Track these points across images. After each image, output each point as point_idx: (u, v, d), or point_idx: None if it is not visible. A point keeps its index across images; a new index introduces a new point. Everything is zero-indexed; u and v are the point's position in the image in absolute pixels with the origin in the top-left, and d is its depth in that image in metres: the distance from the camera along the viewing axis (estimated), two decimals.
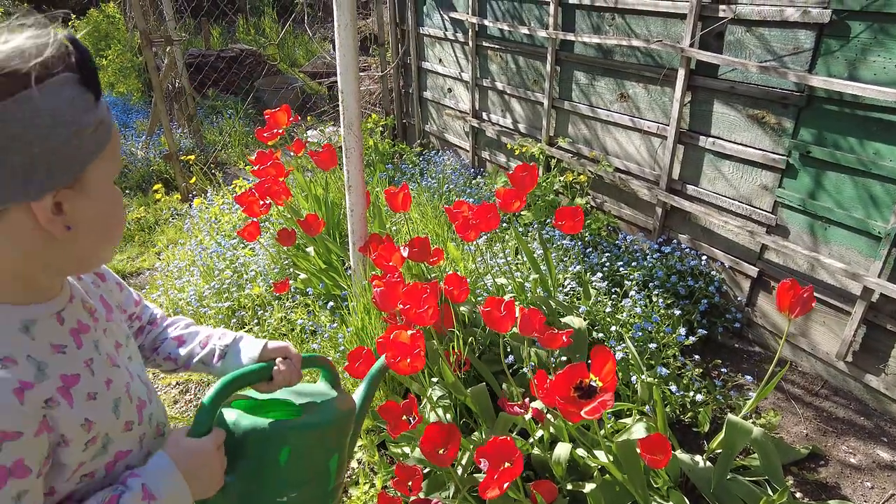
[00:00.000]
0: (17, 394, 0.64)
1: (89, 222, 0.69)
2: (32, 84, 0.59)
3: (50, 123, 0.61)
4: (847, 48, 2.06)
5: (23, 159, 0.60)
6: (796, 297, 1.65)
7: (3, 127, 0.58)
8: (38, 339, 0.70)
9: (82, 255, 0.72)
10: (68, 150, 0.63)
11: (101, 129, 0.66)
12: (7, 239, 0.64)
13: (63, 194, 0.64)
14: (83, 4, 9.61)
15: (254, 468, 0.88)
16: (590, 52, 3.07)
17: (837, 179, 2.20)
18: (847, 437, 2.19)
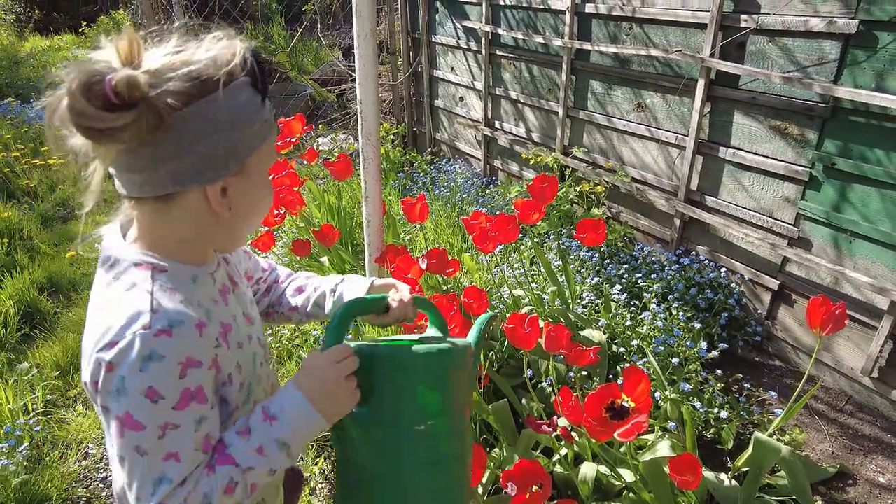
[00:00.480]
0: (199, 328, 0.75)
1: (246, 204, 0.81)
2: (220, 87, 0.71)
3: (229, 120, 0.72)
4: (874, 59, 2.02)
5: (206, 150, 0.72)
6: (828, 314, 1.60)
7: (195, 123, 0.70)
8: (201, 291, 0.82)
9: (235, 232, 0.84)
10: (239, 143, 0.75)
11: (264, 126, 0.78)
12: (184, 214, 0.77)
13: (230, 180, 0.76)
14: (93, 12, 9.67)
15: (385, 395, 0.87)
16: (606, 62, 3.04)
17: (863, 192, 2.16)
18: (874, 455, 2.14)
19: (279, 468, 0.77)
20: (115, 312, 0.72)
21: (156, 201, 0.75)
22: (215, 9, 5.24)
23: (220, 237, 0.83)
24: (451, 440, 0.92)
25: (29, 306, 3.09)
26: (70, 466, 2.23)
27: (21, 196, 4.49)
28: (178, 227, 0.78)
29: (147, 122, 0.67)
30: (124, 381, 0.69)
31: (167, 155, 0.71)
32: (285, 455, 0.77)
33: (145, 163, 0.71)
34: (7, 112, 5.97)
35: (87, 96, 0.65)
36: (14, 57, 7.99)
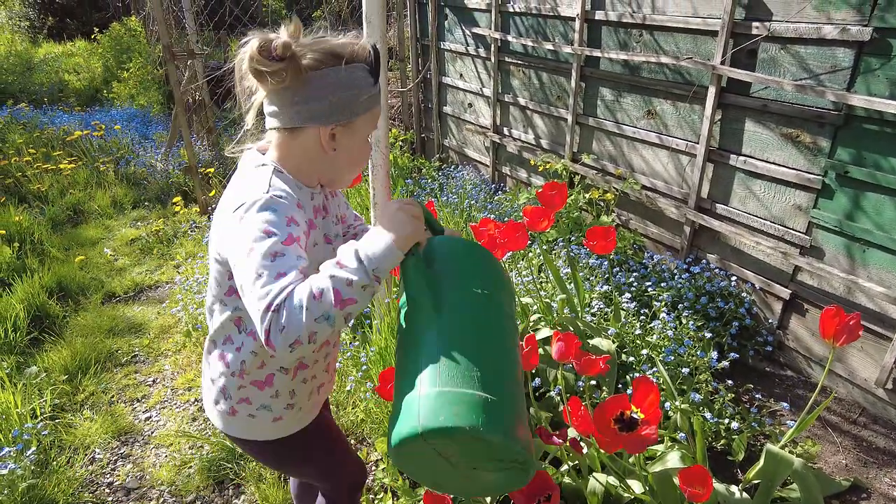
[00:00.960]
0: (297, 205, 1.06)
1: (346, 152, 1.10)
2: (343, 64, 1.03)
3: (344, 86, 1.04)
4: (889, 66, 2.00)
5: (324, 102, 1.03)
6: (841, 324, 1.58)
7: (321, 81, 1.02)
8: (302, 197, 1.10)
9: (335, 172, 1.14)
10: (349, 103, 1.05)
11: (371, 99, 1.09)
12: (301, 144, 1.08)
13: (338, 129, 1.07)
14: (105, 19, 9.77)
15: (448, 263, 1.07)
16: (616, 69, 3.03)
17: (877, 200, 2.13)
18: (889, 468, 2.10)
19: (357, 280, 0.92)
20: (246, 189, 1.03)
21: (286, 132, 1.07)
22: (225, 16, 5.28)
23: (324, 171, 1.13)
24: (509, 316, 1.09)
25: (38, 310, 3.11)
26: (77, 471, 2.23)
27: (32, 200, 4.52)
28: (297, 153, 1.09)
29: (290, 72, 0.99)
30: (250, 223, 0.97)
31: (298, 99, 1.03)
32: (362, 268, 0.93)
33: (285, 102, 1.04)
34: (20, 117, 6.04)
35: (260, 51, 0.98)
36: (28, 63, 8.09)
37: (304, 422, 1.29)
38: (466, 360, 0.94)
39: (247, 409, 1.19)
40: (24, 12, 11.10)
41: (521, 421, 0.95)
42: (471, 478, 1.01)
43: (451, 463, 0.96)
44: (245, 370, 1.15)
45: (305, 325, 0.88)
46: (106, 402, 2.60)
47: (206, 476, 2.18)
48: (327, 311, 0.89)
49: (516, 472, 0.97)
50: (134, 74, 6.92)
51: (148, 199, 4.72)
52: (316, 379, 1.27)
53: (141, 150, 5.33)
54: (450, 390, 0.90)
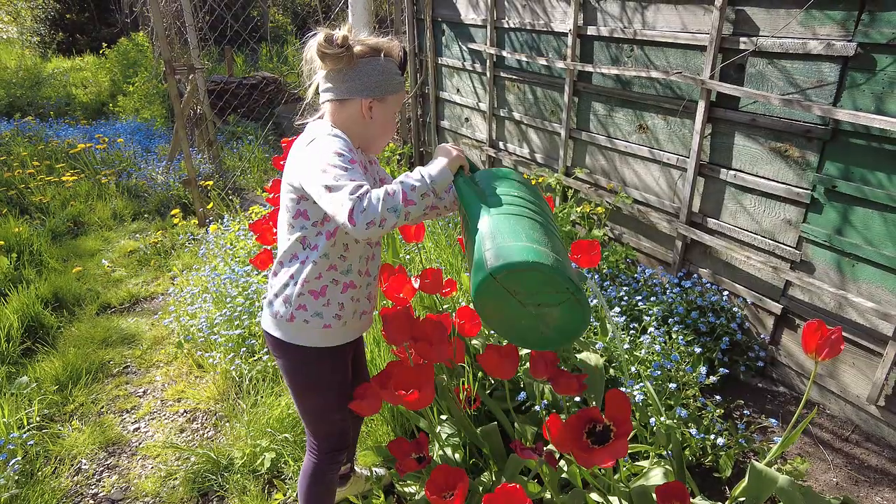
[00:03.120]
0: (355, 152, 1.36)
1: (380, 122, 1.42)
2: (381, 56, 1.38)
3: (382, 72, 1.38)
4: (873, 81, 2.00)
5: (366, 81, 1.37)
6: (824, 338, 1.56)
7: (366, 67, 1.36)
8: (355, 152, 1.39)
9: (372, 138, 1.45)
10: (384, 84, 1.39)
11: (399, 84, 1.42)
12: (348, 113, 1.40)
13: (374, 103, 1.39)
14: (114, 34, 9.93)
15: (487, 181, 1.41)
16: (608, 83, 3.05)
17: (866, 215, 2.12)
18: (881, 487, 2.07)
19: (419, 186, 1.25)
20: (314, 131, 1.38)
21: (337, 103, 1.39)
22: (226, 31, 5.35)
23: (363, 135, 1.43)
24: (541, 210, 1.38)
25: (32, 320, 3.13)
26: (62, 482, 2.23)
27: (33, 212, 4.57)
28: (345, 120, 1.40)
29: (346, 57, 1.33)
30: (322, 148, 1.28)
31: (348, 77, 1.36)
32: (423, 180, 1.26)
33: (338, 80, 1.37)
34: (26, 130, 6.12)
35: (325, 39, 1.31)
36: (37, 77, 8.21)
37: (349, 337, 1.53)
38: (512, 225, 1.25)
39: (303, 315, 1.44)
40: (35, 28, 11.30)
41: (564, 259, 1.24)
42: (541, 317, 1.25)
43: (521, 303, 1.22)
44: (306, 279, 1.41)
45: (381, 210, 1.17)
46: (95, 412, 2.60)
47: (190, 488, 2.18)
48: (396, 204, 1.19)
49: (572, 305, 1.21)
50: (139, 88, 7.02)
51: (148, 212, 4.75)
52: (359, 303, 1.52)
53: (143, 162, 5.39)
54: (503, 243, 1.20)
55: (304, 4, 10.38)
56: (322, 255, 1.41)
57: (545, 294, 1.20)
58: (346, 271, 1.46)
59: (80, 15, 11.06)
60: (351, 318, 1.51)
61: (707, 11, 2.47)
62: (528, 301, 1.22)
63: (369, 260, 1.53)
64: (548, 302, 1.21)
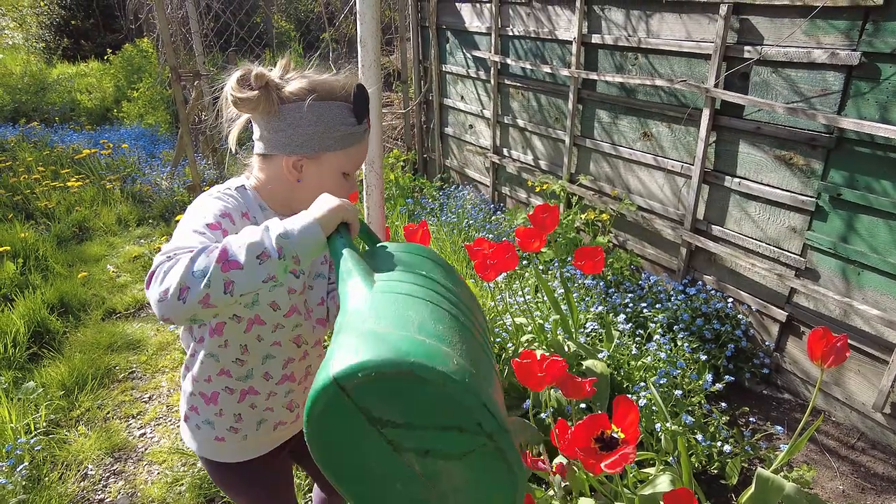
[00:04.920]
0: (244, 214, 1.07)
1: (313, 185, 1.08)
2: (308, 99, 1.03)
3: (317, 121, 1.05)
4: (878, 90, 2.01)
5: (296, 132, 1.05)
6: (829, 346, 1.57)
7: (300, 114, 1.04)
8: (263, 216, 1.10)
9: (302, 201, 1.01)
10: (319, 137, 1.05)
11: (347, 138, 1.08)
12: (272, 171, 1.09)
13: (304, 161, 1.07)
14: (119, 40, 9.99)
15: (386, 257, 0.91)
16: (612, 91, 3.06)
17: (871, 223, 2.13)
18: (888, 495, 2.07)
19: (254, 242, 0.83)
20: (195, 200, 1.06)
21: (260, 158, 1.10)
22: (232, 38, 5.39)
23: (292, 199, 1.11)
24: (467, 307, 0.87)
25: (39, 326, 3.14)
26: (68, 487, 2.23)
27: (39, 217, 4.59)
28: (268, 179, 1.10)
29: (263, 102, 1.03)
30: (190, 209, 1.02)
31: (270, 128, 1.06)
32: (265, 234, 0.84)
33: (261, 130, 1.07)
34: (31, 135, 6.15)
35: (239, 80, 1.03)
36: (42, 83, 8.25)
37: (250, 454, 1.23)
38: (400, 309, 0.73)
39: (195, 418, 1.20)
40: (41, 34, 11.36)
41: (484, 379, 0.70)
42: (430, 482, 0.71)
43: (392, 445, 0.69)
44: (195, 377, 1.16)
45: (181, 275, 0.80)
46: (101, 418, 2.61)
47: (196, 494, 2.18)
48: (207, 265, 0.80)
49: (488, 459, 0.68)
50: (143, 94, 7.05)
51: (152, 217, 4.77)
52: (272, 413, 1.22)
53: (147, 168, 5.41)
54: (376, 329, 0.68)
55: (307, 11, 10.44)
56: (209, 354, 1.13)
57: (436, 431, 0.68)
58: (245, 377, 1.16)
59: (85, 21, 11.13)
60: (254, 432, 1.21)
61: (711, 20, 2.48)
62: (405, 442, 0.69)
63: (289, 362, 1.20)
64: (442, 448, 0.69)
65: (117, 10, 10.03)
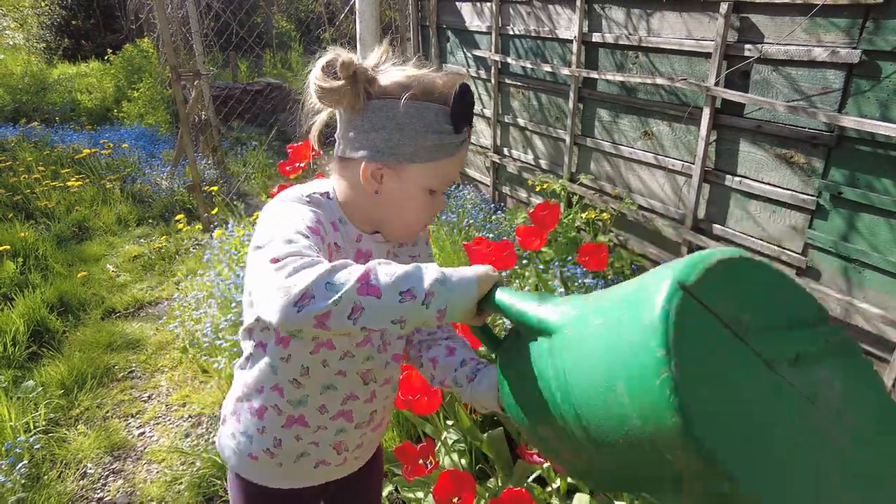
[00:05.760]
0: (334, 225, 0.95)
1: (390, 198, 0.94)
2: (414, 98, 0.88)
3: (406, 125, 0.89)
4: (878, 88, 2.01)
5: (378, 136, 0.90)
6: None
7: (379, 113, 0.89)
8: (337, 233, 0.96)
9: (381, 217, 0.97)
10: (405, 145, 0.89)
11: (439, 149, 0.91)
12: (350, 177, 0.95)
13: (385, 171, 0.92)
14: (119, 41, 9.99)
15: None
16: (613, 90, 3.06)
17: (872, 222, 2.13)
18: None
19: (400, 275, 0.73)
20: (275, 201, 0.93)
21: (340, 161, 0.96)
22: (232, 37, 5.39)
23: (371, 212, 0.97)
24: None
25: (38, 325, 3.13)
26: (68, 486, 2.23)
27: (39, 217, 4.59)
28: (346, 186, 0.97)
29: (349, 96, 0.88)
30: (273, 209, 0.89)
31: (353, 127, 0.91)
32: (416, 273, 0.73)
33: (343, 129, 0.94)
34: (32, 135, 6.15)
35: (325, 67, 0.88)
36: (42, 83, 8.25)
37: (280, 482, 1.09)
38: None
39: (234, 425, 1.08)
40: (41, 34, 11.37)
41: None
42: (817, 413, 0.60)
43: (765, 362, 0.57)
44: (247, 383, 1.04)
45: (312, 280, 0.70)
46: (100, 417, 2.61)
47: (195, 493, 2.17)
48: (344, 282, 0.70)
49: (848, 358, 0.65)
50: (143, 94, 7.05)
51: (152, 217, 4.77)
52: (316, 448, 1.07)
53: (147, 168, 5.41)
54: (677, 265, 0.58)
55: (307, 11, 10.45)
56: (268, 364, 1.00)
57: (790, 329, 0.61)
58: (298, 402, 1.02)
59: (85, 21, 11.13)
60: (291, 463, 1.07)
61: (712, 19, 2.48)
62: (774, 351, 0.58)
63: (350, 398, 1.05)
64: (807, 347, 0.61)
65: (118, 10, 10.04)
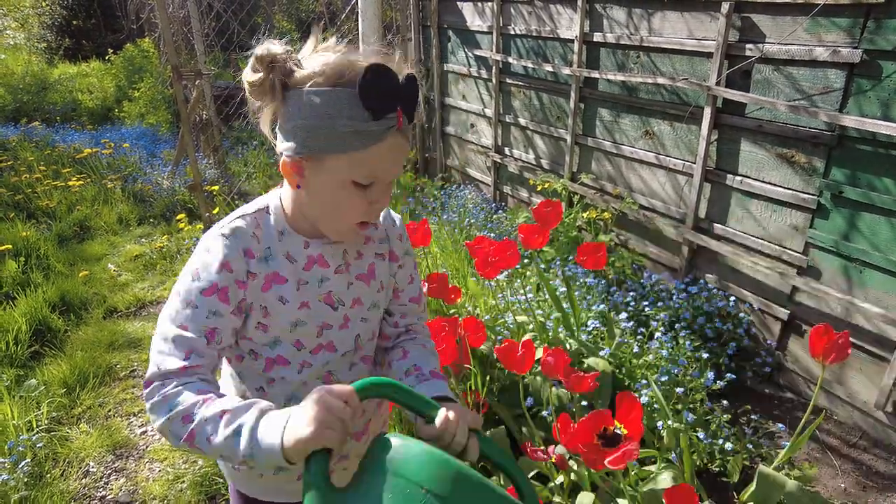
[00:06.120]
0: (249, 252, 0.92)
1: (314, 194, 0.89)
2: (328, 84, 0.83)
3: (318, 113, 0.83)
4: (879, 88, 2.01)
5: (295, 126, 0.84)
6: (830, 343, 1.57)
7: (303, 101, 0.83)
8: (281, 243, 0.94)
9: (311, 214, 0.93)
10: (320, 135, 0.83)
11: (357, 137, 0.83)
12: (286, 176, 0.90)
13: (305, 163, 0.86)
14: (120, 40, 9.99)
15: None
16: (614, 90, 3.06)
17: (873, 221, 2.13)
18: (890, 493, 2.07)
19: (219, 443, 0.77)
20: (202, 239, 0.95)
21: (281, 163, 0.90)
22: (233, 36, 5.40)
23: (303, 211, 0.93)
24: None
25: (40, 324, 3.14)
26: (70, 484, 2.23)
27: (40, 216, 4.59)
28: (285, 186, 0.95)
29: (268, 87, 0.84)
30: (192, 255, 0.92)
31: (279, 121, 0.88)
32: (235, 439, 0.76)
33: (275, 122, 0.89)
34: (33, 135, 6.15)
35: (252, 63, 0.85)
36: (43, 82, 8.25)
37: (263, 493, 1.09)
38: None
39: None
40: (42, 34, 11.37)
41: None
42: None
43: None
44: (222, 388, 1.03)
45: (160, 423, 0.81)
46: (102, 415, 2.61)
47: (198, 491, 2.18)
48: (178, 433, 0.80)
49: None
50: (144, 94, 7.06)
51: (153, 216, 4.77)
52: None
53: (148, 167, 5.41)
54: None
55: (308, 11, 10.45)
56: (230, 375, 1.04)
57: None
58: None
59: (86, 21, 11.14)
60: (271, 475, 1.05)
61: (713, 18, 2.48)
62: None
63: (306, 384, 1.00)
64: None
65: (118, 9, 10.05)
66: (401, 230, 1.09)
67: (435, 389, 0.97)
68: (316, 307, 0.97)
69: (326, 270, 0.97)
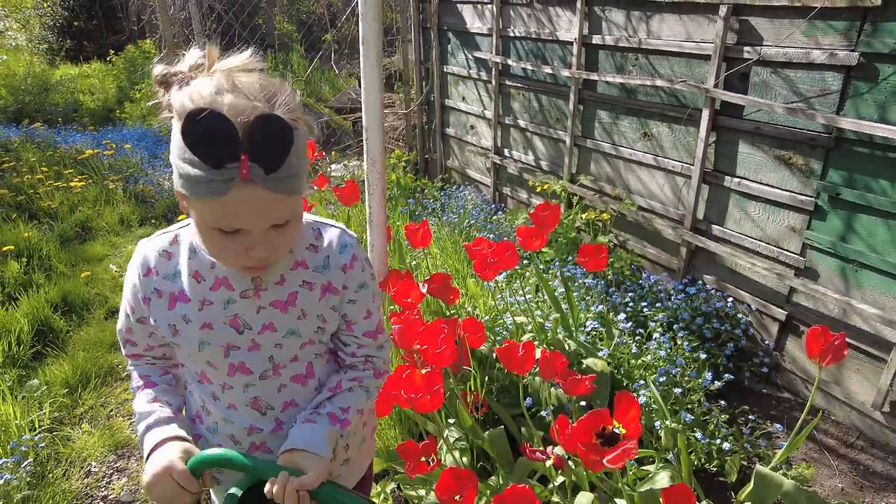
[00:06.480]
0: (148, 272, 0.96)
1: (197, 226, 0.85)
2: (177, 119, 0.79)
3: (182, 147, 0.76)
4: (876, 90, 2.03)
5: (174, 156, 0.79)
6: (827, 344, 1.58)
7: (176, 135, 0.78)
8: (193, 261, 0.95)
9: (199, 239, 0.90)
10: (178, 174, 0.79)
11: (198, 187, 0.76)
12: None
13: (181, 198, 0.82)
14: (121, 42, 10.02)
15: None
16: (613, 91, 3.08)
17: (869, 222, 2.15)
18: (887, 493, 2.08)
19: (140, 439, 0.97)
20: None
21: None
22: (234, 38, 5.42)
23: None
24: None
25: (42, 324, 3.16)
26: (72, 484, 2.25)
27: (42, 217, 4.61)
28: None
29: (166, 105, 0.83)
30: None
31: None
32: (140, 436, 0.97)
33: None
34: (35, 136, 6.17)
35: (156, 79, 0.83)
36: (45, 83, 8.27)
37: None
38: None
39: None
40: (44, 35, 11.40)
41: None
42: None
43: None
44: None
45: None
46: (104, 415, 2.63)
47: None
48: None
49: None
50: (146, 95, 7.07)
51: (155, 217, 4.79)
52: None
53: (150, 168, 5.43)
54: None
55: (309, 13, 10.47)
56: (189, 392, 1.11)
57: None
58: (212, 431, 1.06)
59: (87, 22, 11.16)
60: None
61: (711, 21, 2.50)
62: None
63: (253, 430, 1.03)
64: None
65: (120, 11, 10.07)
66: (347, 260, 0.99)
67: (299, 436, 0.97)
68: (220, 329, 0.95)
69: (232, 293, 0.94)
